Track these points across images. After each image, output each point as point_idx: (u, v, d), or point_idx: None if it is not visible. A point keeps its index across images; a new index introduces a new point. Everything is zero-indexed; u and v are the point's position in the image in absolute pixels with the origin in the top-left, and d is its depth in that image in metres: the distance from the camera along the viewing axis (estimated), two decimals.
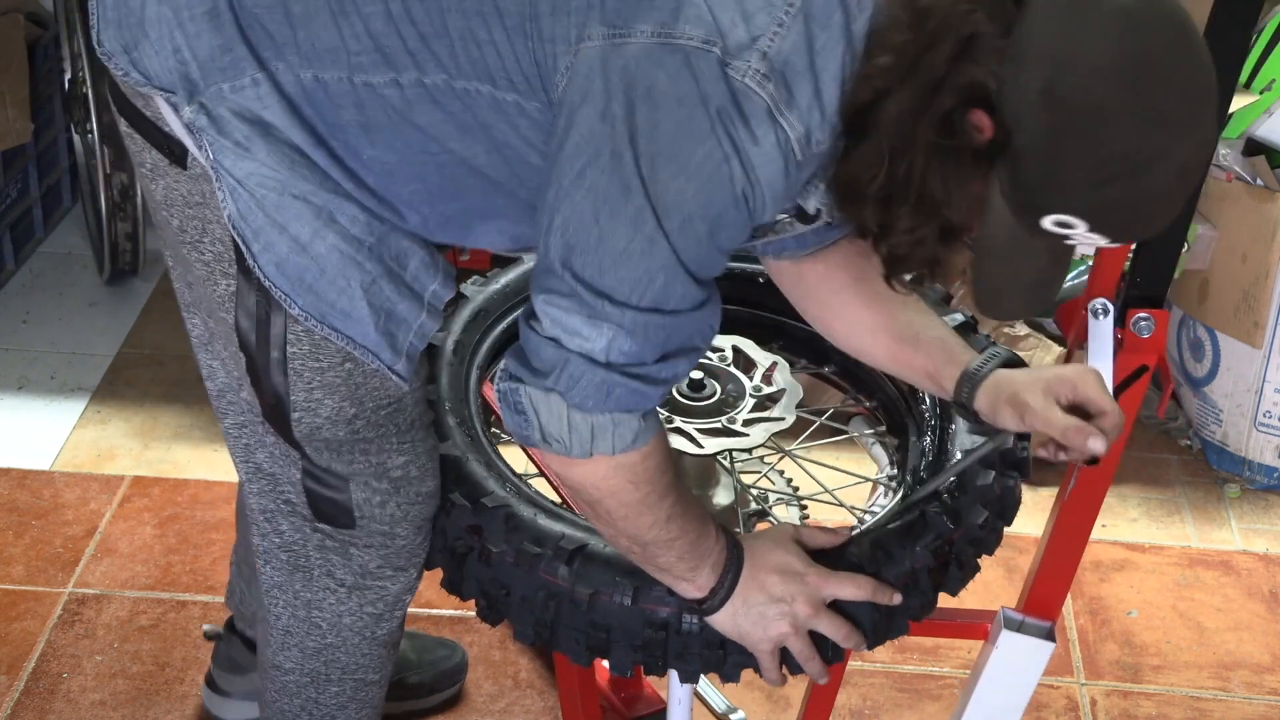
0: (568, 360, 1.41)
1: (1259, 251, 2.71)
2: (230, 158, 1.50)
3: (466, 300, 1.89)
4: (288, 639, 1.83)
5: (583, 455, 1.45)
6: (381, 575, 1.75)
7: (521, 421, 1.46)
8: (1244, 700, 2.44)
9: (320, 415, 1.61)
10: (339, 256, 1.53)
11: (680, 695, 1.81)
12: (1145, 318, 1.61)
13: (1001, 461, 1.68)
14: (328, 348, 1.57)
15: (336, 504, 1.70)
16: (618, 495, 1.48)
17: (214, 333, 1.66)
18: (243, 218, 1.52)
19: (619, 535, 1.52)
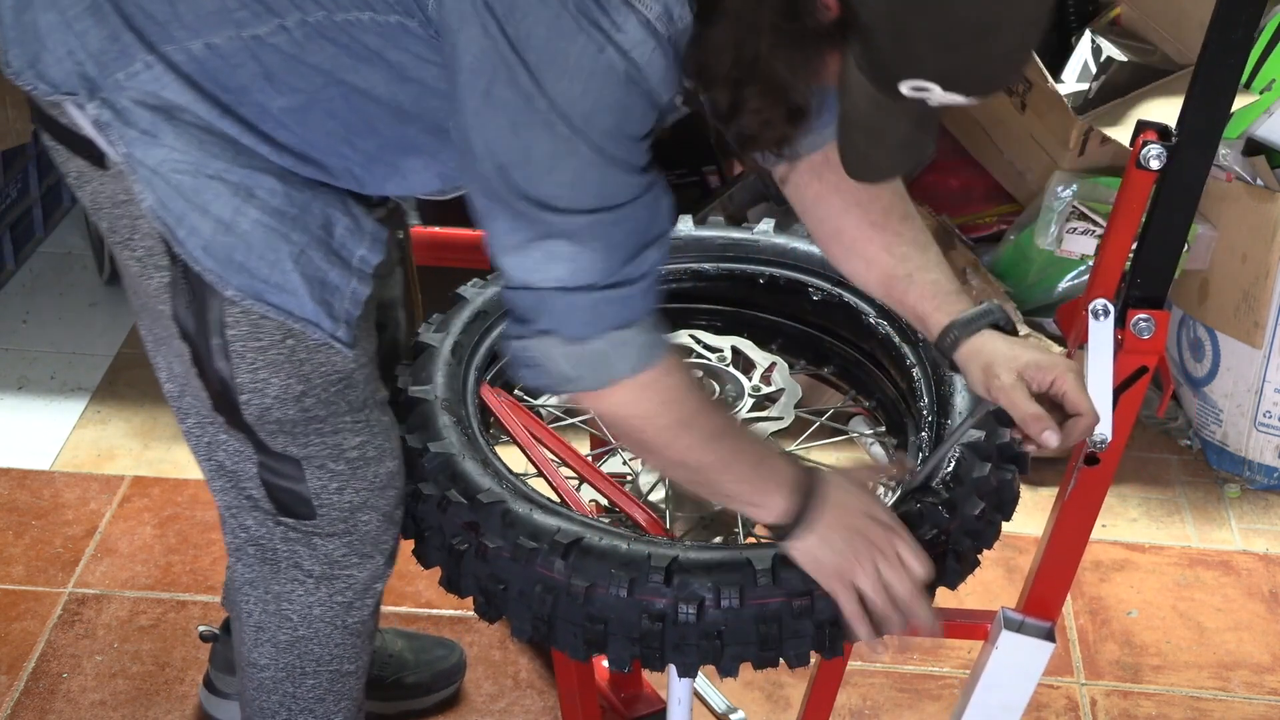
0: (544, 299, 1.43)
1: (1259, 251, 2.71)
2: (140, 147, 1.52)
3: (466, 302, 1.89)
4: (260, 634, 1.83)
5: (603, 385, 1.46)
6: (348, 564, 1.76)
7: (537, 373, 1.48)
8: (1244, 700, 2.44)
9: (268, 395, 1.62)
10: (264, 231, 1.54)
11: (680, 695, 1.82)
12: (1145, 319, 1.61)
13: (999, 455, 1.68)
14: (267, 325, 1.58)
15: (295, 494, 1.70)
16: (653, 420, 1.49)
17: (158, 335, 1.66)
18: (163, 206, 1.53)
19: (673, 467, 1.53)
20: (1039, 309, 2.82)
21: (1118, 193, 1.60)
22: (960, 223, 2.95)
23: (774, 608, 1.55)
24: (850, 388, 1.97)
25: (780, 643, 1.56)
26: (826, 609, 1.56)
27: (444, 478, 1.64)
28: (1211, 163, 1.57)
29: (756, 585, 1.54)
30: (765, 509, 1.55)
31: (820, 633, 1.57)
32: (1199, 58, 1.51)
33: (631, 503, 1.75)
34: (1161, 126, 1.55)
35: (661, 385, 1.48)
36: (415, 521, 1.68)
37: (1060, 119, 2.77)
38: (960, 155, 3.05)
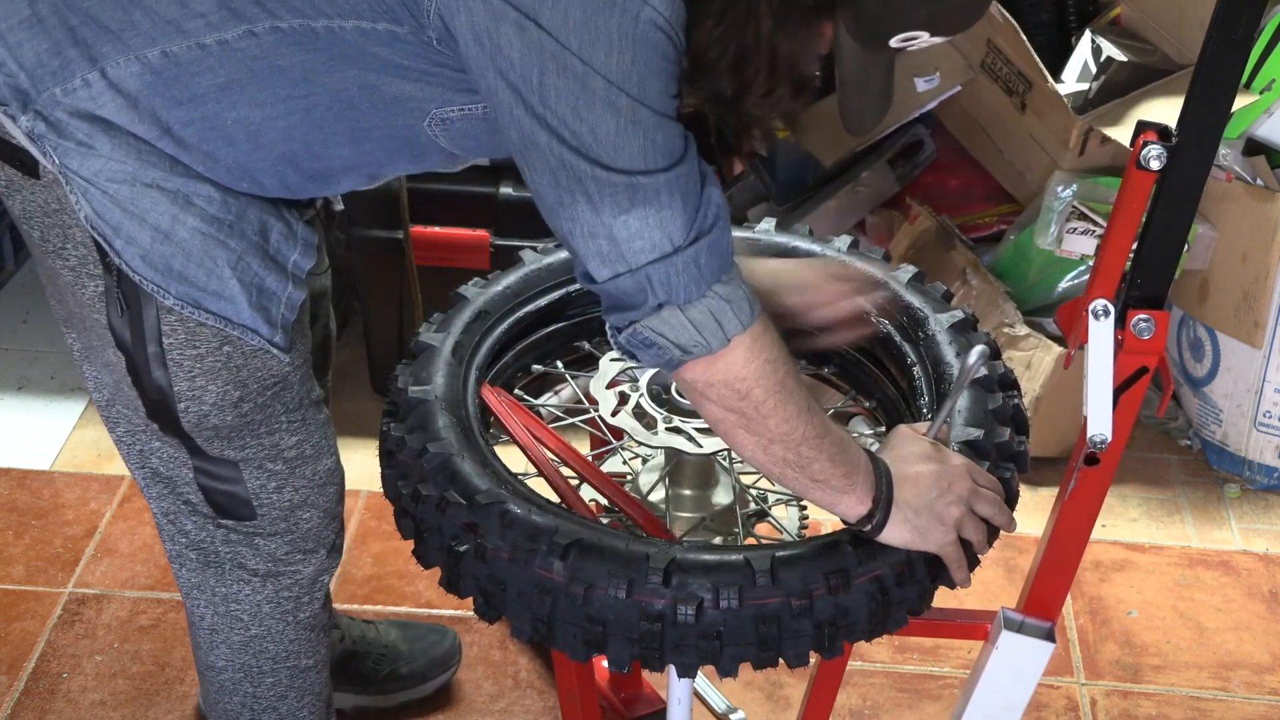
0: (646, 275, 1.43)
1: (1259, 251, 2.71)
2: (76, 159, 1.51)
3: (466, 302, 1.89)
4: (214, 637, 1.84)
5: (722, 344, 1.46)
6: (291, 560, 1.78)
7: (657, 353, 1.47)
8: (1244, 700, 2.44)
9: (206, 403, 1.63)
10: (202, 238, 1.54)
11: (680, 695, 1.82)
12: (1145, 319, 1.61)
13: (997, 453, 1.68)
14: (203, 333, 1.59)
15: (233, 496, 1.71)
16: (763, 380, 1.49)
17: (89, 344, 1.66)
18: (100, 216, 1.53)
19: (773, 440, 1.51)
20: (1039, 309, 2.82)
21: (1118, 193, 1.60)
22: (960, 223, 2.95)
23: (773, 608, 1.55)
24: (850, 388, 1.97)
25: (779, 643, 1.56)
26: (826, 609, 1.56)
27: (443, 478, 1.64)
28: (1211, 163, 1.57)
29: (755, 586, 1.54)
30: (853, 495, 1.55)
31: (819, 632, 1.57)
32: (1199, 58, 1.51)
33: (631, 503, 1.75)
34: (1161, 126, 1.55)
35: (767, 339, 1.50)
36: (415, 522, 1.68)
37: (1060, 119, 2.77)
38: (960, 155, 3.05)
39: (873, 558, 1.57)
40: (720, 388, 1.49)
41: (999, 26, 2.82)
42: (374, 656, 2.32)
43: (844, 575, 1.56)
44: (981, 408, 1.72)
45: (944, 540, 1.58)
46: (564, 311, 1.95)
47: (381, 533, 2.67)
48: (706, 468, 1.85)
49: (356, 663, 2.31)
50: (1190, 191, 1.57)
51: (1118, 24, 3.02)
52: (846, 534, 1.60)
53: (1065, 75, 2.95)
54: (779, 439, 1.52)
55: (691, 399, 1.54)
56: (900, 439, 1.62)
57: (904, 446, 1.61)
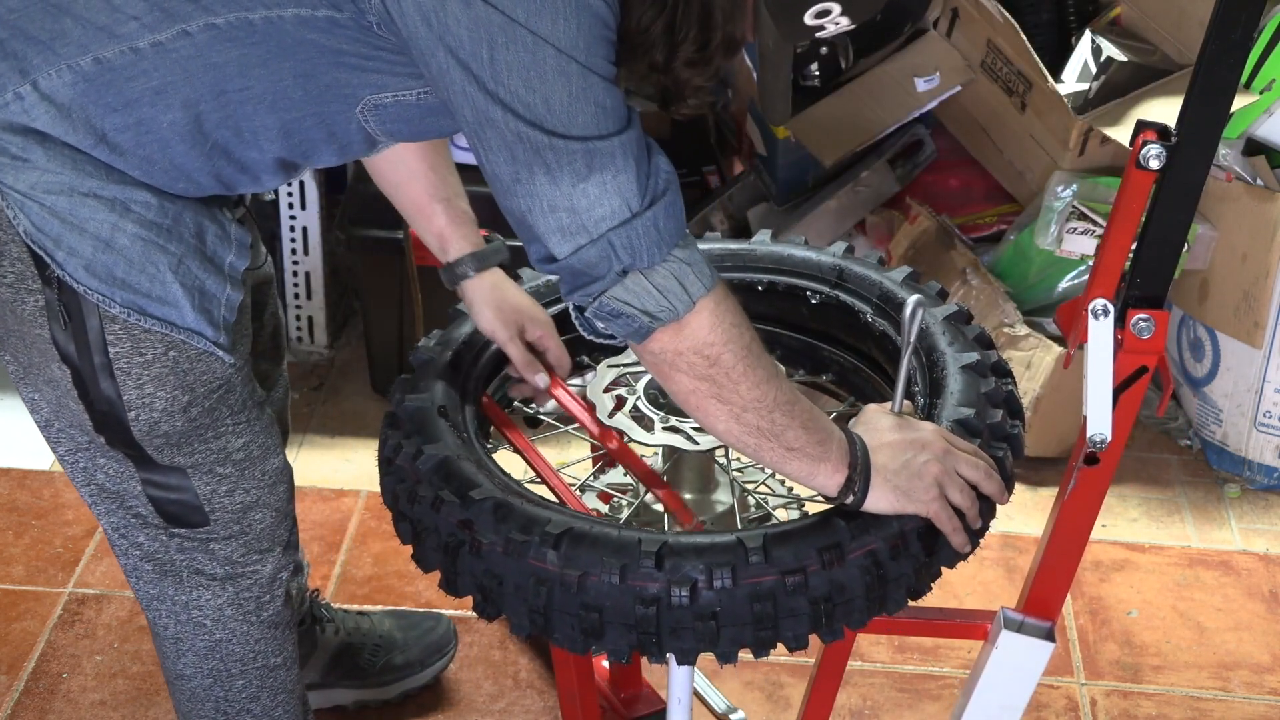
0: (608, 242, 1.44)
1: (1259, 251, 2.71)
2: (10, 174, 1.51)
3: (465, 317, 1.91)
4: (179, 645, 1.84)
5: (688, 307, 1.47)
6: (248, 562, 1.77)
7: (625, 324, 1.48)
8: (1244, 700, 2.44)
9: (155, 410, 1.62)
10: (142, 244, 1.54)
11: (680, 694, 1.82)
12: (1145, 319, 1.61)
13: (990, 433, 1.69)
14: (148, 340, 1.58)
15: (184, 504, 1.71)
16: (731, 343, 1.50)
17: (30, 362, 1.64)
18: (38, 229, 1.52)
19: (746, 408, 1.52)
20: (1039, 309, 2.82)
21: (1118, 193, 1.60)
22: (960, 223, 2.95)
23: (768, 585, 1.55)
24: (849, 394, 1.98)
25: (776, 622, 1.56)
26: (821, 585, 1.56)
27: (438, 479, 1.65)
28: (1211, 163, 1.57)
29: (749, 564, 1.55)
30: (829, 463, 1.56)
31: (816, 609, 1.57)
32: (1199, 58, 1.51)
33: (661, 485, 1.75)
34: (1161, 126, 1.55)
35: (730, 304, 1.51)
36: (412, 524, 1.69)
37: (1060, 119, 2.77)
38: (960, 155, 3.05)
39: (866, 532, 1.58)
40: (689, 355, 1.50)
41: (999, 26, 2.82)
42: (369, 648, 2.33)
43: (837, 550, 1.56)
44: (974, 390, 1.73)
45: (928, 498, 1.59)
46: (563, 326, 1.96)
47: (381, 533, 2.68)
48: (706, 470, 1.85)
49: (353, 655, 2.32)
50: (1190, 191, 1.57)
51: (1118, 24, 3.02)
52: (838, 509, 1.61)
53: (1065, 75, 2.95)
54: (751, 405, 1.52)
55: (661, 374, 1.54)
56: (867, 414, 1.65)
57: (872, 420, 1.63)
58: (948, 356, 1.78)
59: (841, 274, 1.95)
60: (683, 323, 1.48)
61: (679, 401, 1.55)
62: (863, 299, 1.92)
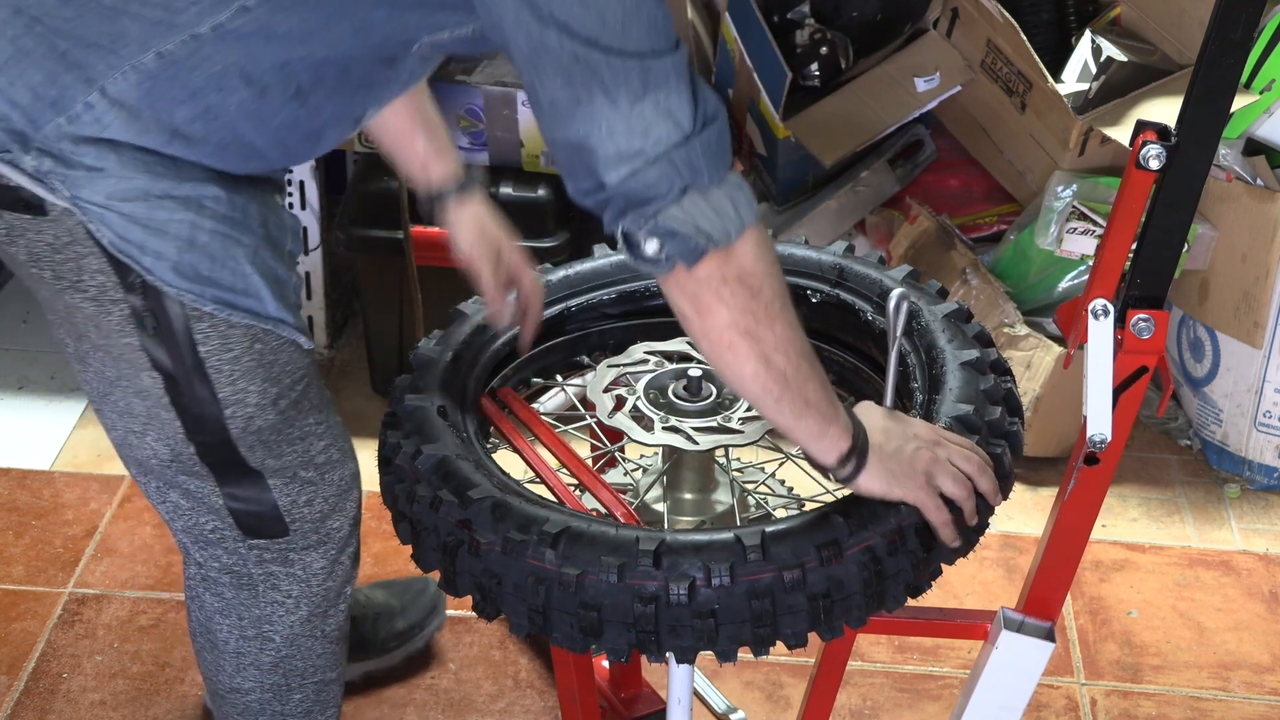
0: (670, 159, 1.42)
1: (1259, 251, 2.71)
2: (87, 187, 1.51)
3: (465, 317, 1.91)
4: (241, 660, 1.83)
5: (740, 230, 1.46)
6: (323, 574, 1.78)
7: (680, 244, 1.45)
8: (1244, 700, 2.44)
9: (249, 404, 1.64)
10: (221, 239, 1.56)
11: (680, 694, 1.82)
12: (1145, 319, 1.61)
13: (989, 430, 1.69)
14: (234, 335, 1.59)
15: (263, 516, 1.72)
16: (772, 278, 1.49)
17: (117, 375, 1.65)
18: (123, 238, 1.52)
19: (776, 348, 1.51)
20: (1039, 309, 2.82)
21: (1118, 193, 1.60)
22: (960, 223, 2.95)
23: (766, 582, 1.55)
24: (849, 394, 1.98)
25: (775, 618, 1.56)
26: (819, 581, 1.56)
27: (437, 478, 1.66)
28: (1211, 163, 1.57)
29: (746, 561, 1.55)
30: (837, 425, 1.57)
31: (815, 606, 1.57)
32: (1199, 58, 1.51)
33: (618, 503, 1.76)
34: (1161, 126, 1.55)
35: (769, 241, 1.51)
36: (411, 524, 1.69)
37: (1060, 119, 2.77)
38: (960, 155, 3.05)
39: (863, 528, 1.58)
40: (734, 285, 1.48)
41: (999, 26, 2.82)
42: (371, 619, 2.36)
43: (835, 546, 1.57)
44: (973, 387, 1.73)
45: (917, 485, 1.59)
46: (563, 326, 1.97)
47: (382, 533, 2.68)
48: (705, 470, 1.85)
49: (358, 628, 2.35)
50: (1190, 191, 1.57)
51: (1118, 24, 3.02)
52: (836, 505, 1.61)
53: (1065, 75, 2.95)
54: (782, 346, 1.51)
55: (700, 307, 1.50)
56: (859, 408, 1.65)
57: (865, 411, 1.64)
58: (947, 353, 1.78)
59: (842, 273, 1.95)
60: (730, 250, 1.46)
61: (711, 340, 1.52)
62: (863, 298, 1.92)
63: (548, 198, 2.78)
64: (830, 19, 2.95)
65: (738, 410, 1.81)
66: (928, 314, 1.85)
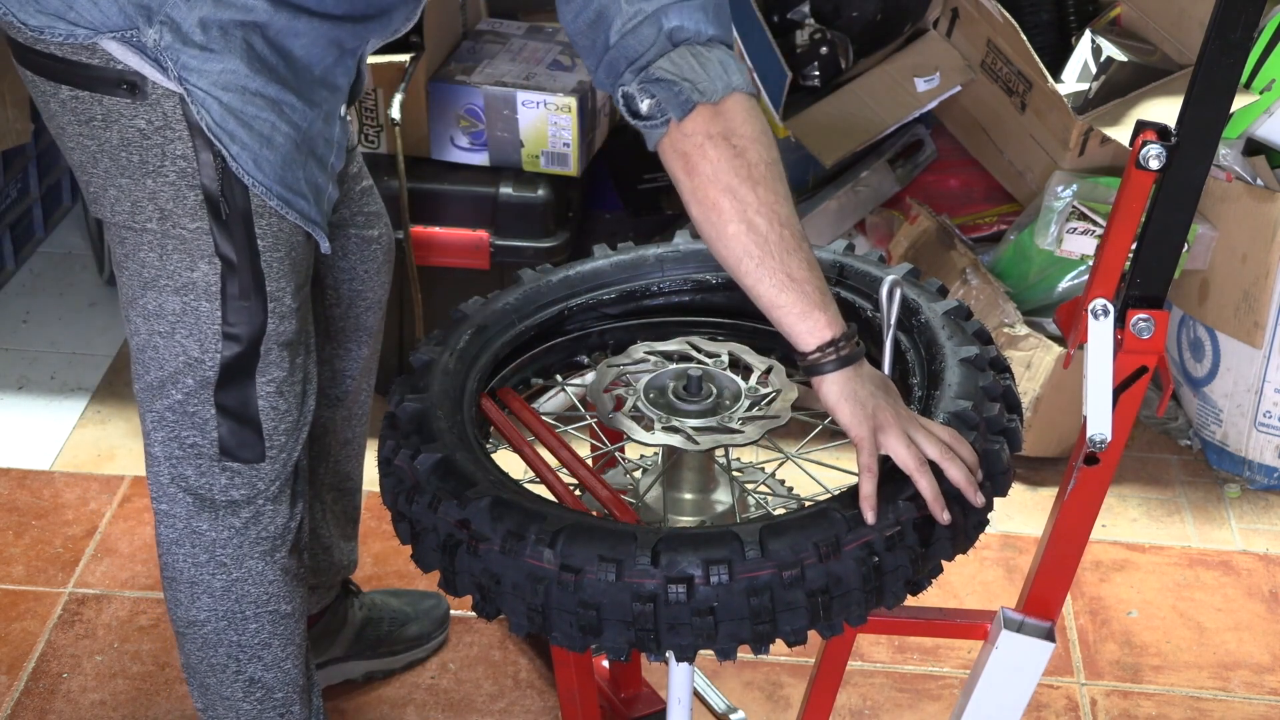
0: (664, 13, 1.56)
1: (1259, 251, 2.71)
2: (197, 64, 1.63)
3: (466, 318, 1.91)
4: (195, 589, 1.91)
5: (728, 88, 1.57)
6: (280, 501, 1.88)
7: (668, 91, 1.56)
8: (1244, 700, 2.44)
9: (285, 303, 1.78)
10: (290, 144, 1.70)
11: (680, 694, 1.82)
12: (1145, 319, 1.61)
13: (987, 427, 1.69)
14: (282, 235, 1.74)
15: (244, 438, 1.83)
16: (759, 142, 1.58)
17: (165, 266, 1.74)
18: (219, 124, 1.65)
19: (758, 211, 1.56)
20: (1039, 309, 2.82)
21: (1118, 193, 1.60)
22: (960, 223, 2.95)
23: (764, 579, 1.55)
24: None
25: (774, 615, 1.56)
26: (818, 577, 1.56)
27: (435, 478, 1.66)
28: (1211, 163, 1.57)
29: (745, 558, 1.55)
30: (823, 313, 1.59)
31: (814, 602, 1.57)
32: (1199, 58, 1.51)
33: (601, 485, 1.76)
34: (1161, 126, 1.55)
35: (759, 113, 1.59)
36: (411, 524, 1.69)
37: (1060, 119, 2.77)
38: (960, 155, 3.05)
39: (861, 524, 1.58)
40: (719, 141, 1.56)
41: (999, 26, 2.82)
42: (386, 620, 2.41)
43: (834, 542, 1.57)
44: (972, 384, 1.73)
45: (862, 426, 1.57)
46: (562, 326, 1.97)
47: (382, 533, 2.68)
48: (705, 470, 1.85)
49: (373, 628, 2.38)
50: (1190, 191, 1.57)
51: (1118, 24, 3.02)
52: (834, 501, 1.61)
53: (1065, 75, 2.95)
54: (765, 210, 1.57)
55: (689, 159, 1.58)
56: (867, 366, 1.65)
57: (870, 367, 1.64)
58: (946, 350, 1.78)
59: (842, 271, 1.95)
60: (719, 107, 1.56)
61: (697, 200, 1.58)
62: (864, 296, 1.92)
63: (548, 198, 2.78)
64: (830, 19, 2.95)
65: (738, 410, 1.81)
66: (927, 311, 1.85)
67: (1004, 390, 1.76)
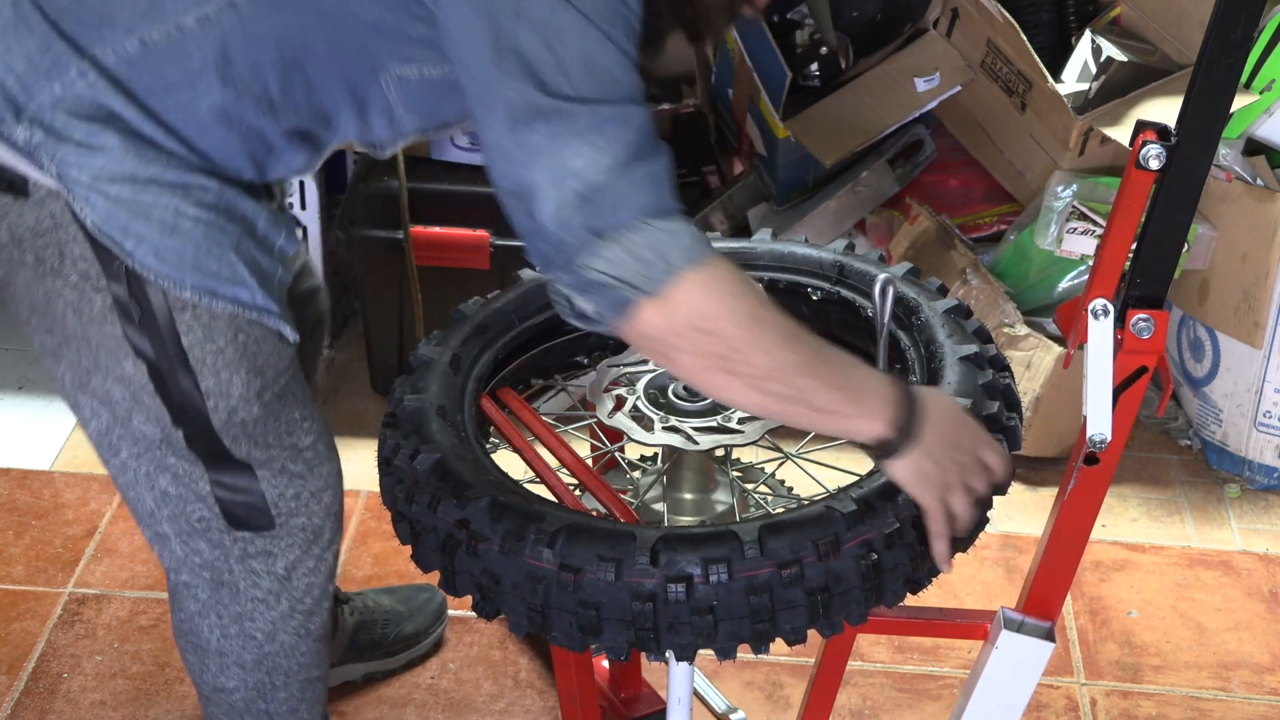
0: (579, 203, 1.40)
1: (1259, 251, 2.71)
2: (75, 165, 1.50)
3: (466, 318, 1.91)
4: (224, 659, 1.82)
5: (666, 275, 1.41)
6: (305, 569, 1.77)
7: (603, 295, 1.42)
8: (1244, 700, 2.44)
9: (233, 396, 1.63)
10: (204, 226, 1.54)
11: (680, 694, 1.82)
12: (1145, 319, 1.61)
13: (987, 425, 1.70)
14: (218, 325, 1.59)
15: (250, 506, 1.71)
16: (728, 313, 1.43)
17: (96, 364, 1.63)
18: (108, 220, 1.52)
19: (764, 377, 1.47)
20: (1039, 309, 2.82)
21: (1118, 193, 1.60)
22: (960, 223, 2.95)
23: (764, 578, 1.55)
24: None
25: (774, 614, 1.56)
26: (817, 576, 1.56)
27: (435, 478, 1.66)
28: (1211, 163, 1.57)
29: (744, 557, 1.55)
30: (867, 419, 1.53)
31: (813, 601, 1.57)
32: (1199, 58, 1.51)
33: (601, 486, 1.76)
34: (1161, 126, 1.55)
35: (724, 277, 1.44)
36: (410, 524, 1.69)
37: (1060, 119, 2.77)
38: (960, 155, 3.05)
39: (860, 522, 1.58)
40: (686, 333, 1.44)
41: (999, 26, 2.82)
42: (381, 622, 2.38)
43: (833, 541, 1.57)
44: (971, 382, 1.73)
45: (936, 497, 1.58)
46: (563, 326, 1.97)
47: (381, 533, 2.68)
48: (705, 471, 1.85)
49: (367, 631, 2.37)
50: (1190, 191, 1.57)
51: (1118, 24, 3.02)
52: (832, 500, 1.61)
53: (1065, 75, 2.95)
54: (769, 375, 1.47)
55: (665, 359, 1.48)
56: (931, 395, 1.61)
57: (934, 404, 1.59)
58: (946, 348, 1.79)
59: (842, 270, 1.95)
60: (668, 300, 1.42)
61: (694, 381, 1.51)
62: (864, 295, 1.92)
63: None
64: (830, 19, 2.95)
65: (737, 410, 1.81)
66: (927, 309, 1.85)
67: (1003, 388, 1.76)
